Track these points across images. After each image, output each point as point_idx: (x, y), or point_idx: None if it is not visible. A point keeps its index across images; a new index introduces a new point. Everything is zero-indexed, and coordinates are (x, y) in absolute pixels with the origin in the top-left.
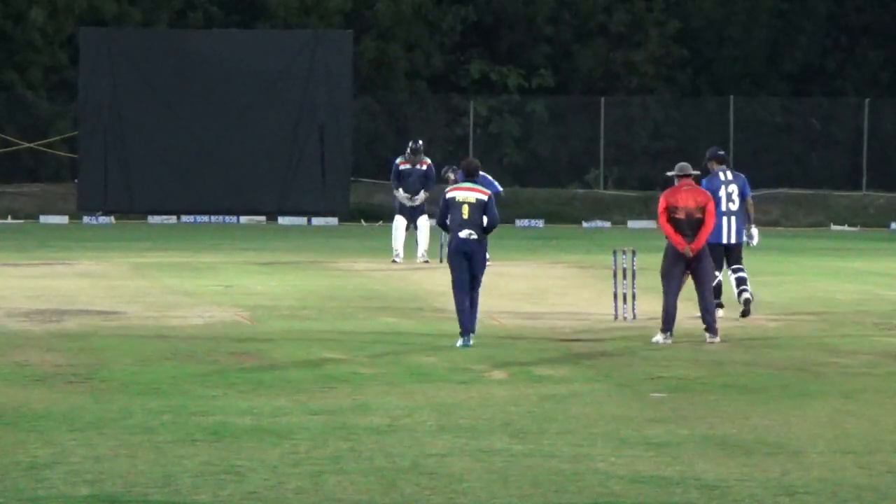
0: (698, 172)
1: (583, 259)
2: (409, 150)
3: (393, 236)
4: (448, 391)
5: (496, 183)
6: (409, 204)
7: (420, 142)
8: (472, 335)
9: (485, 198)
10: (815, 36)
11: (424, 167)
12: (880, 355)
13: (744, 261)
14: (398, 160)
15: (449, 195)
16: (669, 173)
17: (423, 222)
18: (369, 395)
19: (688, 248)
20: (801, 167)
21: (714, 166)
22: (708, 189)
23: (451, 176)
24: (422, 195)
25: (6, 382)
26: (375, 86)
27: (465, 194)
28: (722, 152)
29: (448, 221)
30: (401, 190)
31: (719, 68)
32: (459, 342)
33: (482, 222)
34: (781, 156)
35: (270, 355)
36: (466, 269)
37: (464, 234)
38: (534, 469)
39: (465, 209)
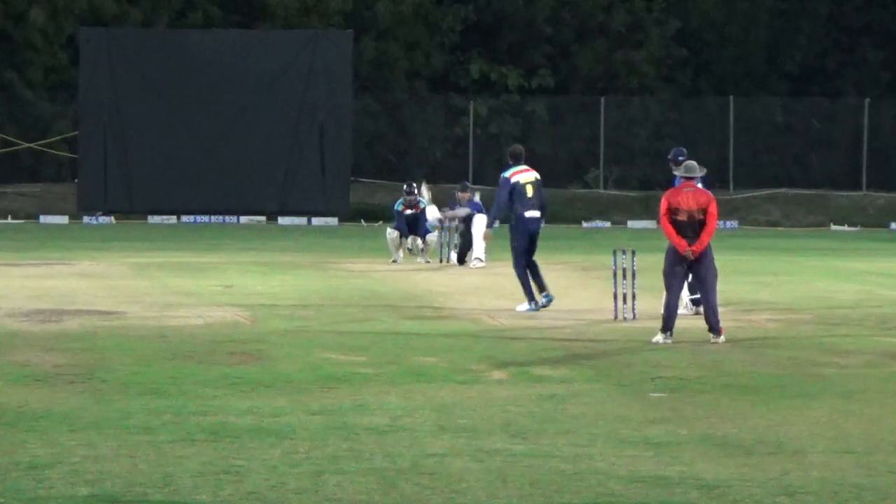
0: (704, 172)
1: (583, 259)
2: (404, 193)
3: (389, 246)
4: (448, 391)
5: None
6: (419, 250)
7: (415, 186)
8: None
9: (539, 176)
10: (815, 36)
11: (418, 212)
12: (880, 355)
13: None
14: (399, 206)
15: (513, 180)
16: (676, 172)
17: (431, 238)
18: (369, 395)
19: (689, 251)
20: (801, 167)
21: (674, 169)
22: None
23: (461, 194)
24: (434, 237)
25: (6, 382)
26: (375, 86)
27: (526, 175)
28: (683, 157)
29: (507, 207)
30: (397, 234)
31: (719, 68)
32: (528, 307)
33: (543, 201)
34: (781, 156)
35: (270, 355)
36: (531, 245)
37: (530, 213)
38: (533, 469)
39: (530, 189)
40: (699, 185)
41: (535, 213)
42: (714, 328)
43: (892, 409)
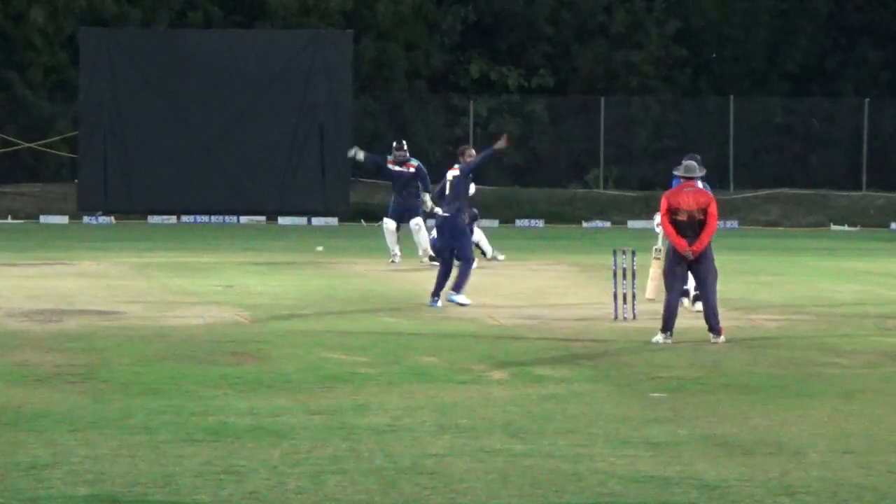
0: (704, 173)
1: (583, 259)
2: (393, 149)
3: (386, 239)
4: (448, 391)
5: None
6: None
7: (404, 143)
8: (437, 299)
9: (457, 173)
10: (815, 36)
11: (412, 170)
12: (880, 355)
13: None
14: (389, 158)
15: (448, 175)
16: (676, 172)
17: (415, 224)
18: (369, 395)
19: (689, 251)
20: (801, 167)
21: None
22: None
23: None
24: (427, 199)
25: (6, 382)
26: (375, 86)
27: (451, 172)
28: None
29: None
30: (394, 224)
31: (719, 68)
32: (429, 301)
33: (459, 197)
34: (781, 156)
35: (270, 355)
36: (447, 241)
37: (439, 210)
38: (534, 469)
39: (448, 186)
40: (700, 185)
41: (441, 209)
42: (714, 328)
43: (892, 409)
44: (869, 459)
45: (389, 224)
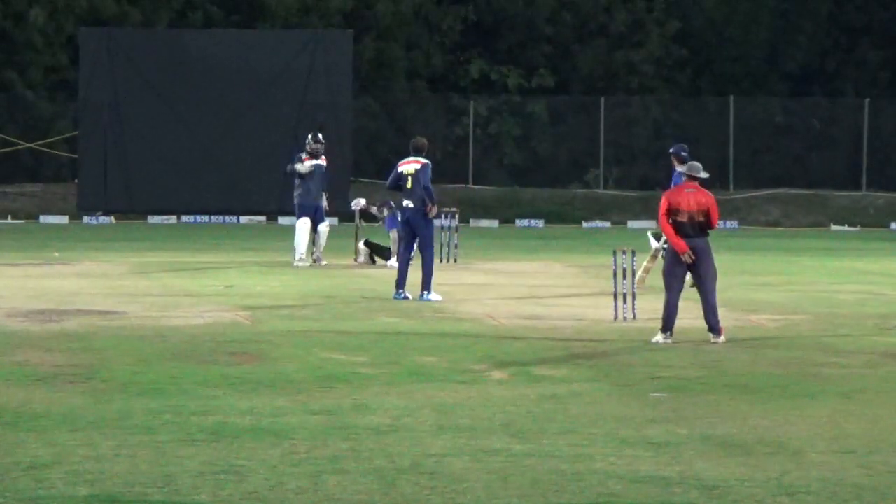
0: (707, 176)
1: (583, 259)
2: (310, 141)
3: (299, 239)
4: (448, 391)
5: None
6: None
7: (320, 134)
8: (403, 290)
9: (419, 166)
10: (815, 36)
11: (322, 164)
12: (880, 355)
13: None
14: (303, 155)
15: (399, 169)
16: (679, 169)
17: (324, 228)
18: (369, 395)
19: (688, 255)
20: (801, 167)
21: (676, 164)
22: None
23: (378, 212)
24: (323, 199)
25: (6, 382)
26: (375, 86)
27: (408, 167)
28: (685, 153)
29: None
30: (303, 165)
31: (719, 68)
32: (394, 294)
33: (421, 191)
34: (781, 156)
35: (270, 355)
36: (411, 234)
37: (405, 202)
38: (534, 469)
39: (409, 180)
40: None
41: (409, 203)
42: (714, 328)
43: (892, 409)
44: (869, 459)
45: (305, 224)
